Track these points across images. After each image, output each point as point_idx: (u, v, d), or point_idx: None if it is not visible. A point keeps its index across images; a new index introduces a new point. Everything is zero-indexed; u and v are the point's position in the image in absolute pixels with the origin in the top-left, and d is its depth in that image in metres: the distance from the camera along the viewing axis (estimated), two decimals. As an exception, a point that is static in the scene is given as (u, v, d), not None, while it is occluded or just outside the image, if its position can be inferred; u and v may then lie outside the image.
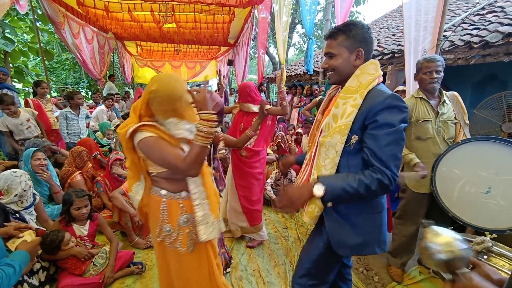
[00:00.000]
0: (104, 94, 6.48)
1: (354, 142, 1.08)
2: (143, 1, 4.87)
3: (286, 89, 5.97)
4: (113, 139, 4.32)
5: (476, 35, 2.97)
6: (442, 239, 0.75)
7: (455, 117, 1.89)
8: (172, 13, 5.50)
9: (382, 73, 1.16)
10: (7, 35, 5.41)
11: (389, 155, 1.00)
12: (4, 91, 3.80)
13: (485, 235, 1.45)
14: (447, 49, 3.08)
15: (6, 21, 5.51)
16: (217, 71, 8.26)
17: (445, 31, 2.73)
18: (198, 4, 4.98)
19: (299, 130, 4.27)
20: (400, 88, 3.33)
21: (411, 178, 1.90)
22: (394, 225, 2.17)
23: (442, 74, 1.83)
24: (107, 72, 7.58)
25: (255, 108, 2.35)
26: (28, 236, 1.67)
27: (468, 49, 2.97)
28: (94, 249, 2.03)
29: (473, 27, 3.28)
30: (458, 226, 2.13)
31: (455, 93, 1.96)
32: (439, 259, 0.72)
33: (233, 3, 4.91)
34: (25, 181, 2.02)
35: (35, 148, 2.53)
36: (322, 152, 1.15)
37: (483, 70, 3.63)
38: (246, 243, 2.56)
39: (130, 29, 6.87)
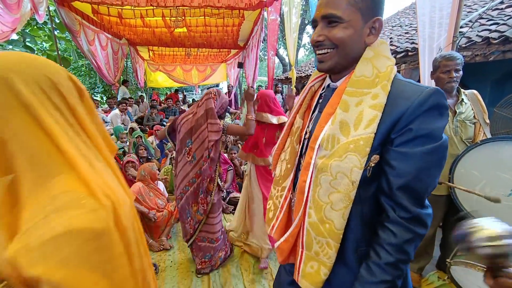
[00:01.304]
0: (118, 99, 6.67)
1: (374, 165, 0.69)
2: (154, 7, 4.97)
3: (296, 92, 5.93)
4: (126, 142, 4.43)
5: (495, 31, 2.86)
6: (490, 232, 0.64)
7: (474, 117, 1.81)
8: (183, 17, 5.60)
9: None
10: (27, 43, 5.67)
11: (428, 187, 0.66)
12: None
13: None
14: (464, 45, 2.98)
15: (27, 31, 5.77)
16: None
17: (461, 27, 2.64)
18: (208, 8, 5.04)
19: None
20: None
21: None
22: (410, 228, 2.10)
23: (461, 72, 1.76)
24: (121, 77, 7.79)
25: (274, 120, 2.22)
26: None
27: (486, 45, 2.86)
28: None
29: (492, 22, 3.16)
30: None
31: (475, 91, 1.88)
32: (484, 253, 0.62)
33: (243, 6, 4.94)
34: None
35: None
36: (325, 183, 0.71)
37: (503, 67, 3.48)
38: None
39: (142, 35, 7.04)
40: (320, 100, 0.83)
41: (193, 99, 10.73)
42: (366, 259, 0.72)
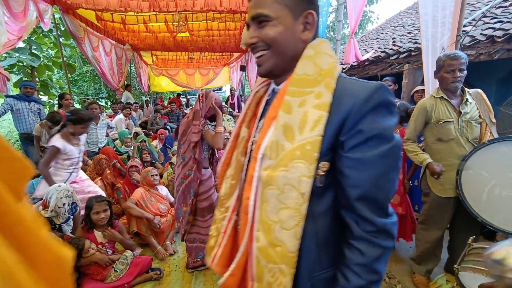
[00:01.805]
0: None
1: (323, 173, 0.61)
2: (157, 13, 5.03)
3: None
4: (130, 147, 4.46)
5: (500, 29, 2.83)
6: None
7: (479, 116, 1.79)
8: (185, 22, 5.66)
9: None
10: (33, 51, 5.77)
11: (389, 193, 0.61)
12: (32, 104, 4.03)
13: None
14: (468, 44, 2.95)
15: (33, 38, 5.87)
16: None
17: (465, 26, 2.62)
18: (210, 12, 5.08)
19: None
20: (420, 87, 3.21)
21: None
22: (417, 230, 2.07)
23: (465, 72, 1.74)
24: (125, 82, 7.87)
25: None
26: None
27: (491, 43, 2.83)
28: (115, 255, 2.08)
29: (496, 20, 3.13)
30: (488, 231, 2.01)
31: (479, 90, 1.85)
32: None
33: (244, 9, 4.97)
34: (61, 197, 1.98)
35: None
36: (272, 198, 0.63)
37: (508, 65, 3.44)
38: None
39: (145, 40, 7.12)
40: (266, 107, 0.75)
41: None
42: (334, 284, 0.63)
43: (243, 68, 7.74)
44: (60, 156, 2.34)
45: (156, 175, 2.80)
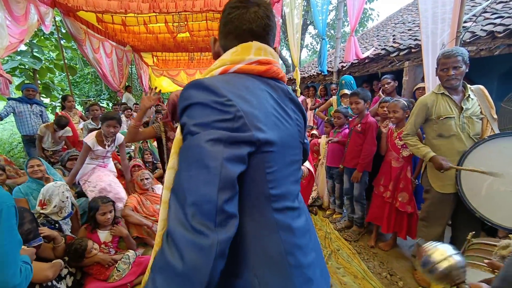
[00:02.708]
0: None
1: None
2: (157, 13, 5.04)
3: (305, 91, 5.90)
4: (131, 147, 4.48)
5: (500, 24, 2.81)
6: (437, 253, 0.78)
7: (481, 112, 1.78)
8: (185, 23, 5.67)
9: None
10: (35, 54, 5.81)
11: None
12: (34, 106, 4.06)
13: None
14: (468, 40, 2.93)
15: (34, 41, 5.92)
16: None
17: (465, 22, 2.60)
18: (209, 13, 5.09)
19: (314, 131, 4.20)
20: (421, 85, 3.20)
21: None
22: (418, 227, 2.07)
23: (462, 68, 1.73)
24: (126, 83, 7.90)
25: None
26: None
27: (491, 39, 2.81)
28: (117, 255, 2.10)
29: (496, 15, 3.11)
30: (489, 227, 2.00)
31: (481, 86, 1.85)
32: (438, 272, 0.75)
33: (244, 9, 4.97)
34: (63, 192, 2.08)
35: (31, 157, 2.55)
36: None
37: (509, 61, 3.41)
38: None
39: (146, 41, 7.14)
40: None
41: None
42: None
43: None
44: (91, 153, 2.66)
45: (146, 178, 2.80)
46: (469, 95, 1.78)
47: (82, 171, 2.67)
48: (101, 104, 9.73)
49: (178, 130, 0.63)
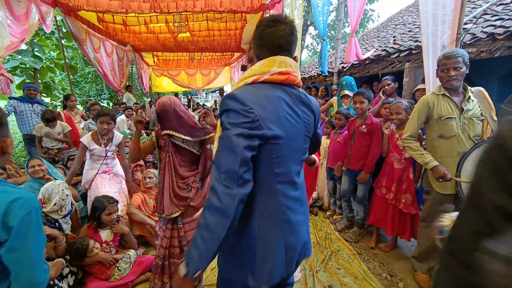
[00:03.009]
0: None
1: None
2: (158, 13, 5.05)
3: (307, 91, 5.88)
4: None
5: (500, 26, 2.82)
6: (449, 220, 0.78)
7: (481, 114, 1.79)
8: (186, 23, 5.67)
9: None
10: (36, 53, 5.81)
11: None
12: (35, 105, 4.06)
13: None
14: (468, 42, 2.94)
15: (35, 40, 5.92)
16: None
17: (465, 23, 2.61)
18: (210, 13, 5.10)
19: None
20: (421, 86, 3.21)
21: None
22: (418, 228, 2.08)
23: (463, 70, 1.74)
24: (126, 83, 7.90)
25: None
26: None
27: (491, 41, 2.82)
28: (118, 254, 2.10)
29: (497, 17, 3.12)
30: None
31: (481, 88, 1.86)
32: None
33: (245, 9, 4.98)
34: (63, 190, 2.11)
35: (31, 157, 2.56)
36: None
37: (510, 63, 3.42)
38: None
39: (147, 41, 7.15)
40: None
41: (197, 103, 10.81)
42: None
43: (244, 68, 7.73)
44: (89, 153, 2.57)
45: (150, 177, 2.81)
46: (469, 96, 1.79)
47: (85, 176, 2.59)
48: (101, 104, 9.75)
49: (219, 123, 0.93)
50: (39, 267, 0.89)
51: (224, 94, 10.07)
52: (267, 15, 5.36)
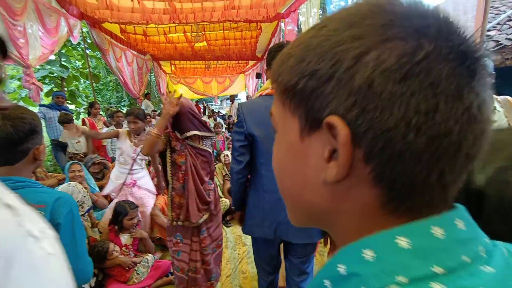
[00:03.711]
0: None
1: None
2: (177, 24, 5.24)
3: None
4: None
5: (527, 32, 2.72)
6: None
7: (508, 124, 1.72)
8: (203, 32, 5.84)
9: None
10: (63, 63, 6.17)
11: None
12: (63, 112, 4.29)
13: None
14: (492, 49, 2.85)
15: (62, 51, 6.29)
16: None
17: (488, 30, 2.54)
18: (227, 23, 5.23)
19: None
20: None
21: None
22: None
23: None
24: (145, 90, 8.19)
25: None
26: None
27: (517, 47, 2.71)
28: (137, 258, 2.16)
29: (523, 23, 3.01)
30: None
31: (508, 97, 1.78)
32: None
33: (260, 18, 5.07)
34: (82, 188, 2.23)
35: (72, 162, 2.62)
36: None
37: (538, 69, 3.27)
38: None
39: (165, 50, 7.40)
40: None
41: (212, 110, 11.00)
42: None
43: (258, 76, 7.83)
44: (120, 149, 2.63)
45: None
46: (495, 107, 1.72)
47: (111, 186, 2.60)
48: (122, 111, 10.12)
49: None
50: (86, 258, 0.96)
51: (235, 101, 10.09)
52: (282, 24, 5.42)
